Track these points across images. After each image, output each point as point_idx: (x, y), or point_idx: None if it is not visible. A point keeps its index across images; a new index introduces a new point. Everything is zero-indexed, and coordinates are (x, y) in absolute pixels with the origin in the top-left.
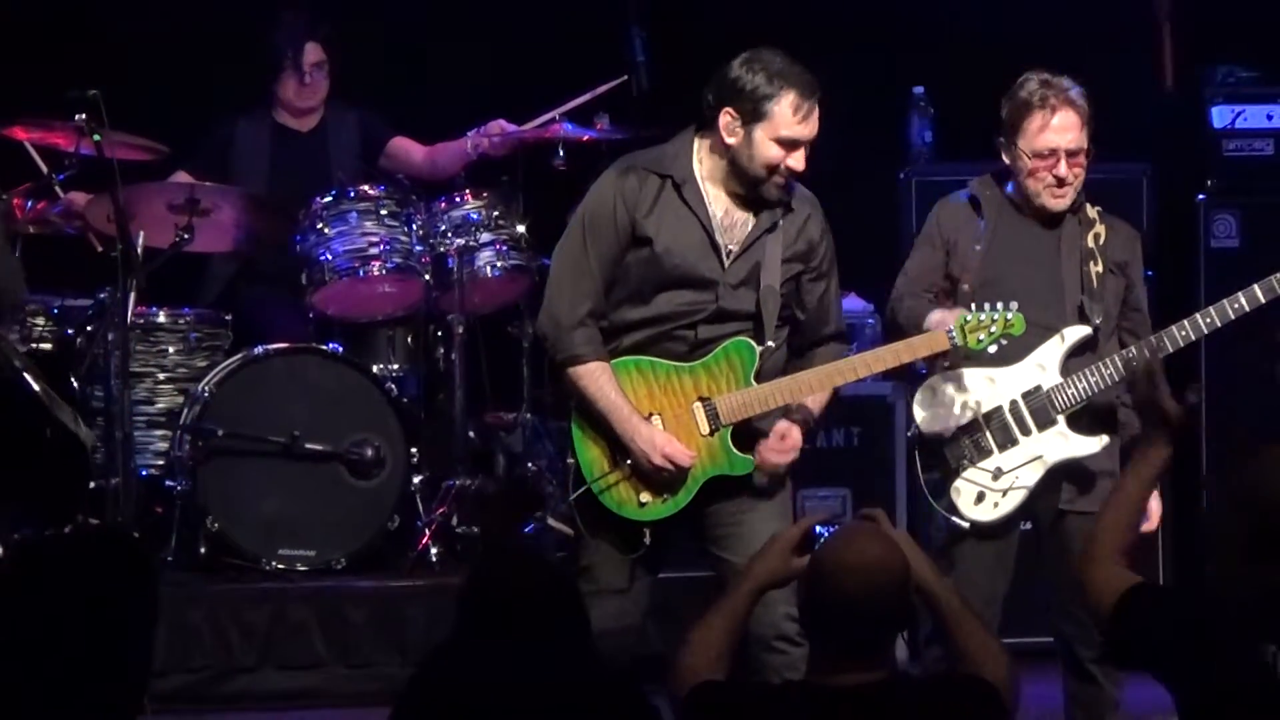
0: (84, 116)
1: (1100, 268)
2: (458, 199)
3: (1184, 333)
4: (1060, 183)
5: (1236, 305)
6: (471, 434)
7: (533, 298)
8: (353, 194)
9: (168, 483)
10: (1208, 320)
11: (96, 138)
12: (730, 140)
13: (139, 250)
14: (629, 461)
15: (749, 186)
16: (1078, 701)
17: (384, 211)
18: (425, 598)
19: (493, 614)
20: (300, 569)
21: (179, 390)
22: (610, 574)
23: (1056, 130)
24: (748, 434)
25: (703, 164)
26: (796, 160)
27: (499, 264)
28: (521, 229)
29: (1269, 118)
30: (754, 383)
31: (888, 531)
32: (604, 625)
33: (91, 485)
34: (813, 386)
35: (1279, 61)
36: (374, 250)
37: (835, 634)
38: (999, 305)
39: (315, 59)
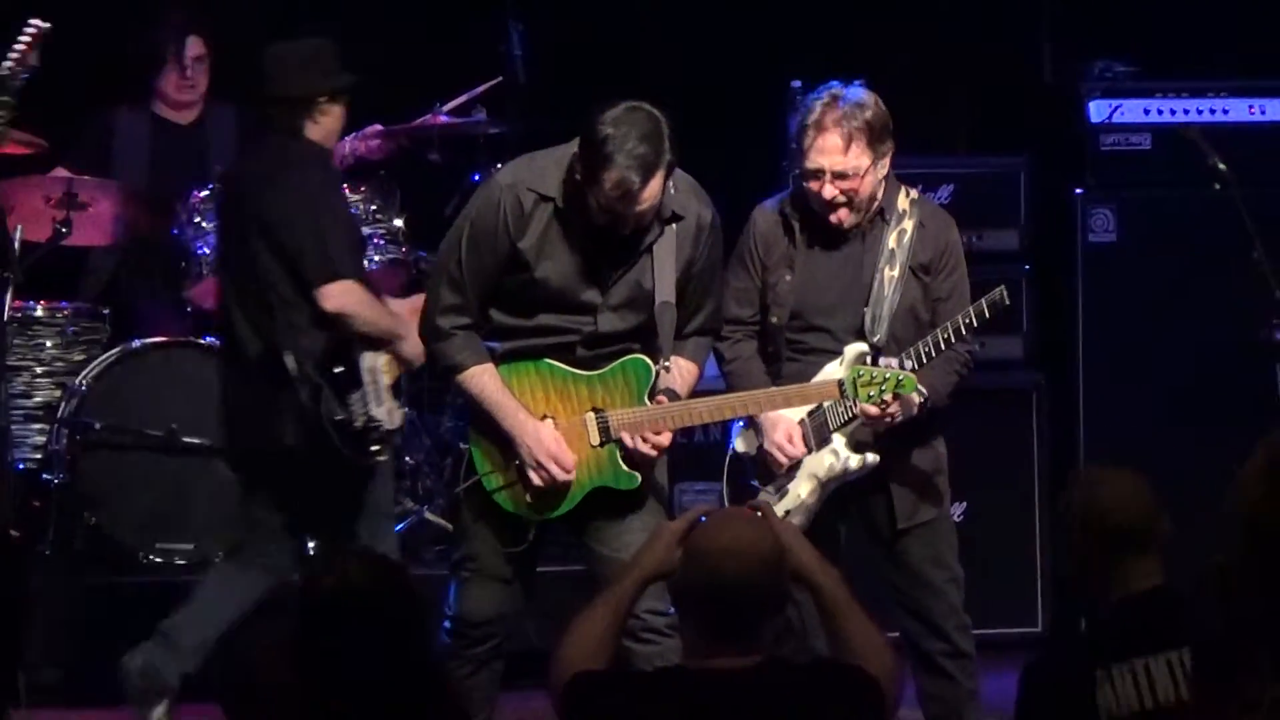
0: None
1: (895, 271)
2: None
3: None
4: (826, 206)
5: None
6: None
7: (410, 291)
8: None
9: (45, 476)
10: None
11: None
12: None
13: (16, 245)
14: (516, 462)
15: None
16: (932, 698)
17: None
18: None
19: (324, 611)
20: (179, 563)
21: (57, 384)
22: (494, 563)
23: (820, 151)
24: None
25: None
26: (623, 225)
27: (376, 257)
28: (399, 222)
29: (1145, 112)
30: (647, 402)
31: (770, 521)
32: (486, 610)
33: None
34: (703, 416)
35: (1155, 57)
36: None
37: (708, 617)
38: (894, 363)
39: (196, 53)
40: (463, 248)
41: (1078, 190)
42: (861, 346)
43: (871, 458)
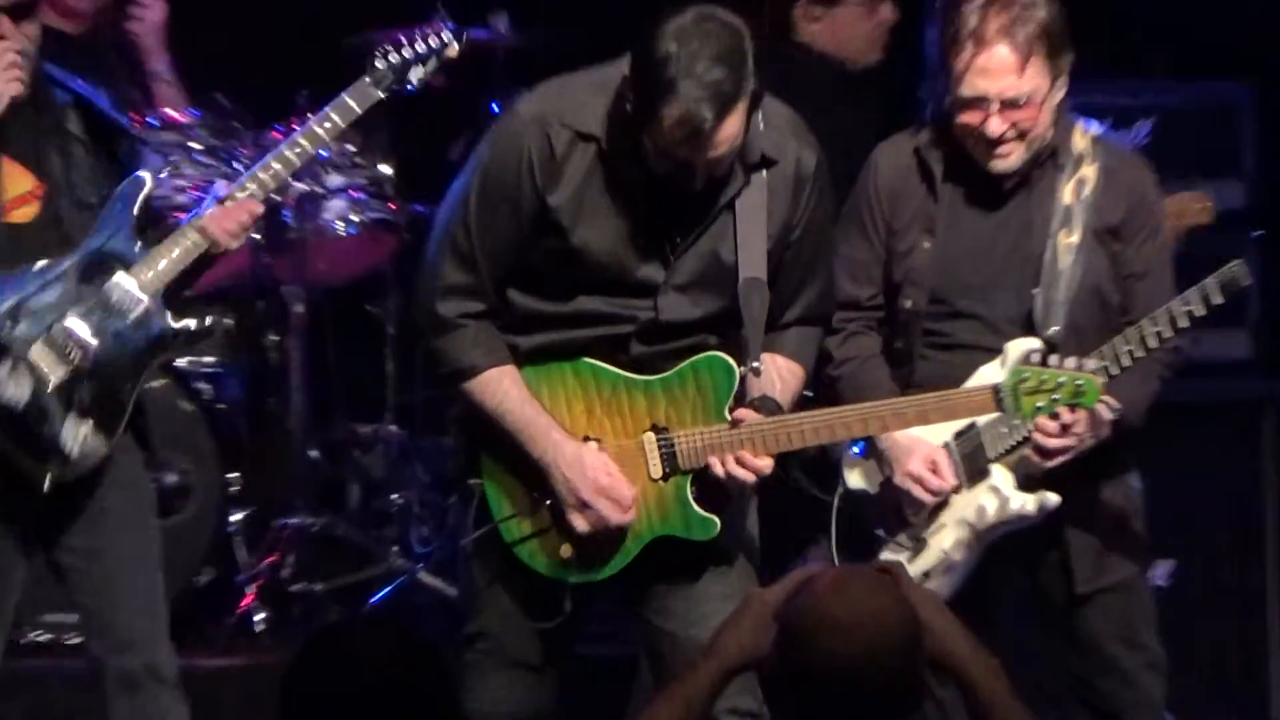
0: None
1: (1075, 237)
2: (297, 125)
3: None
4: (992, 143)
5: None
6: (315, 454)
7: (402, 264)
8: (155, 122)
9: None
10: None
11: None
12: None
13: None
14: (549, 502)
15: None
16: None
17: (196, 146)
18: (246, 680)
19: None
20: (69, 641)
21: None
22: (515, 644)
23: (984, 71)
24: (713, 484)
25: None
26: (691, 176)
27: (355, 218)
28: (387, 170)
29: None
30: (729, 416)
31: (902, 587)
32: (505, 707)
33: None
34: (808, 436)
35: None
36: (181, 199)
37: (814, 718)
38: (1069, 363)
39: None
40: (472, 206)
41: None
42: (1031, 342)
43: (1052, 499)
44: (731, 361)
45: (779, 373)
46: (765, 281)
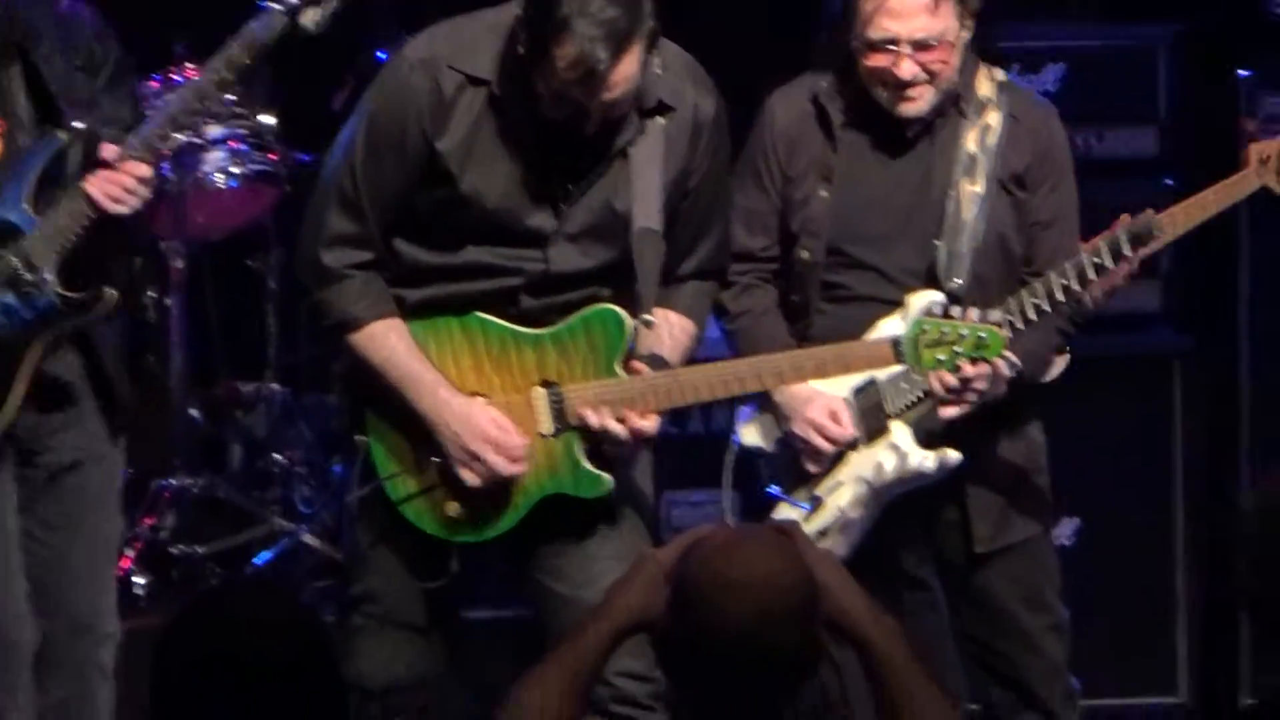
0: None
1: (979, 187)
2: (175, 75)
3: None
4: (903, 85)
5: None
6: (195, 413)
7: (284, 217)
8: None
9: None
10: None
11: None
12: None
13: None
14: (436, 459)
15: None
16: None
17: None
18: (125, 645)
19: (199, 683)
20: None
21: None
22: (402, 606)
23: (893, 11)
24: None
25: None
26: (585, 120)
27: (235, 170)
28: (269, 120)
29: None
30: (620, 372)
31: (799, 546)
32: (392, 671)
33: None
34: (700, 391)
35: None
36: None
37: (708, 684)
38: (971, 314)
39: None
40: (358, 152)
41: (1242, 73)
42: (932, 295)
43: (953, 456)
44: (623, 314)
45: (670, 330)
46: (659, 232)
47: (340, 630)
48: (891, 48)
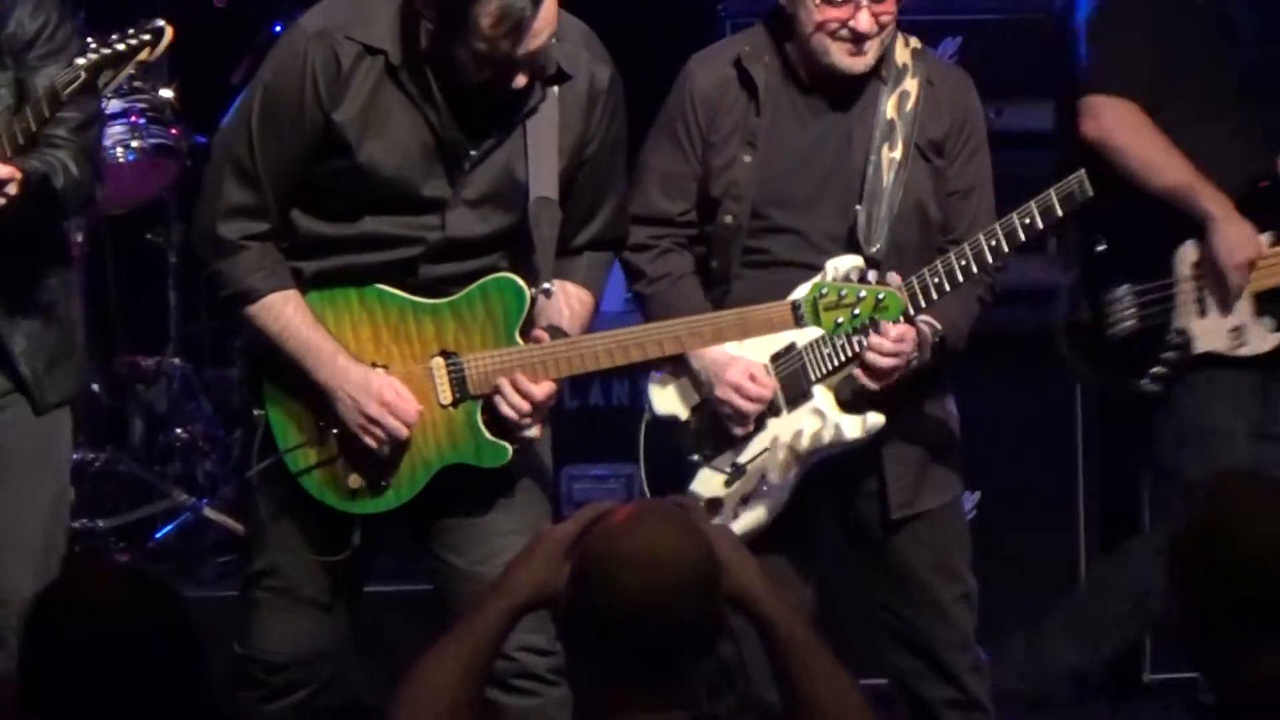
0: None
1: (898, 153)
2: None
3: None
4: (859, 38)
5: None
6: (96, 387)
7: (183, 191)
8: None
9: None
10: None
11: None
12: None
13: None
14: (335, 430)
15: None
16: None
17: None
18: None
19: (61, 661)
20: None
21: None
22: (303, 580)
23: None
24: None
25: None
26: (510, 75)
27: (134, 144)
28: (168, 94)
29: None
30: (519, 340)
31: (698, 522)
32: (292, 645)
33: None
34: (600, 358)
35: None
36: None
37: (608, 658)
38: (869, 277)
39: None
40: (254, 123)
41: None
42: (851, 259)
43: (877, 419)
44: (521, 283)
45: (568, 301)
46: (556, 201)
47: (242, 605)
48: (847, 3)
